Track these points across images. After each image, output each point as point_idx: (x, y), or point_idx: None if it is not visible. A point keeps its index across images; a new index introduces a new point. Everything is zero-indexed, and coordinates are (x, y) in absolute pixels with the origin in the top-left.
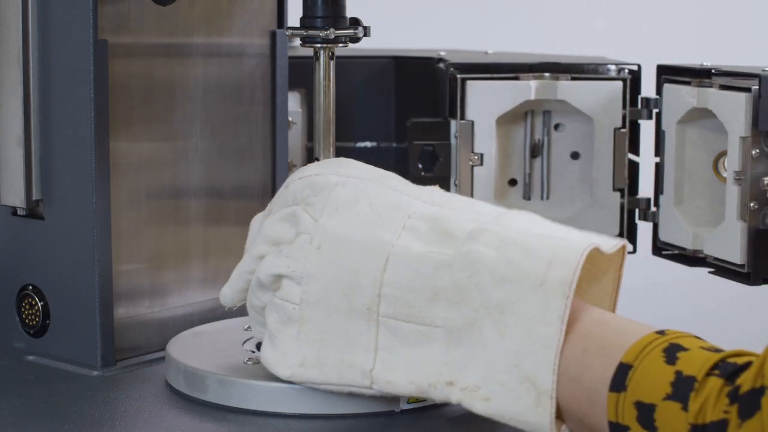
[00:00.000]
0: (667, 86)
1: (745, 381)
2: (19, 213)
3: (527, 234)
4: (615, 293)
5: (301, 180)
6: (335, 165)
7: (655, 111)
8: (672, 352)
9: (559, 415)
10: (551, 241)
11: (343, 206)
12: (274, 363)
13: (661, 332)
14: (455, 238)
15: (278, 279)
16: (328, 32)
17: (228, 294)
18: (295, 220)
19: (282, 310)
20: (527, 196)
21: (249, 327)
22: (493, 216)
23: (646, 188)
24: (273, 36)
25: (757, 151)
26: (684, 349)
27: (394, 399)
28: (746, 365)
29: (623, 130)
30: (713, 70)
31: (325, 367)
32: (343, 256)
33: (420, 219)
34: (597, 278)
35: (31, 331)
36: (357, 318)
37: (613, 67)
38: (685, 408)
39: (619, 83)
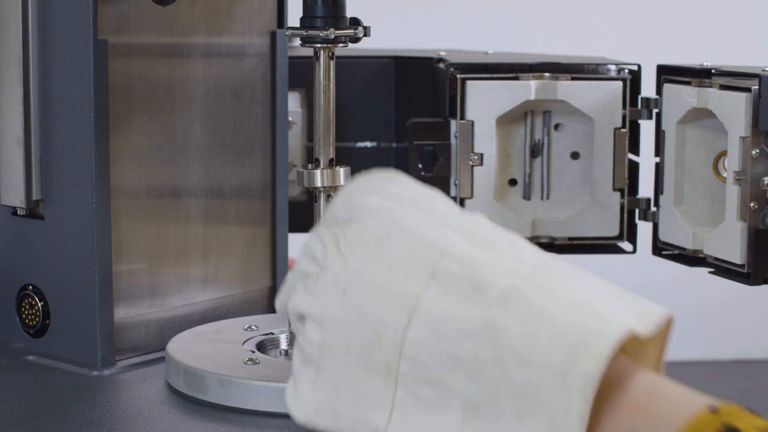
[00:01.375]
0: (667, 86)
1: None
2: (19, 213)
3: (561, 303)
4: (659, 362)
5: (343, 198)
6: (381, 181)
7: (655, 111)
8: None
9: None
10: (584, 319)
11: (374, 243)
12: (291, 404)
13: (714, 409)
14: (485, 297)
15: (303, 317)
16: (328, 32)
17: (280, 301)
18: (325, 249)
19: (304, 350)
20: (527, 196)
21: (249, 327)
22: (534, 266)
23: (646, 188)
24: (273, 36)
25: (757, 151)
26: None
27: None
28: None
29: (623, 130)
30: (713, 70)
31: (338, 418)
32: (368, 305)
33: (454, 261)
34: (640, 345)
35: (31, 331)
36: (375, 373)
37: (613, 67)
38: None
39: (619, 83)
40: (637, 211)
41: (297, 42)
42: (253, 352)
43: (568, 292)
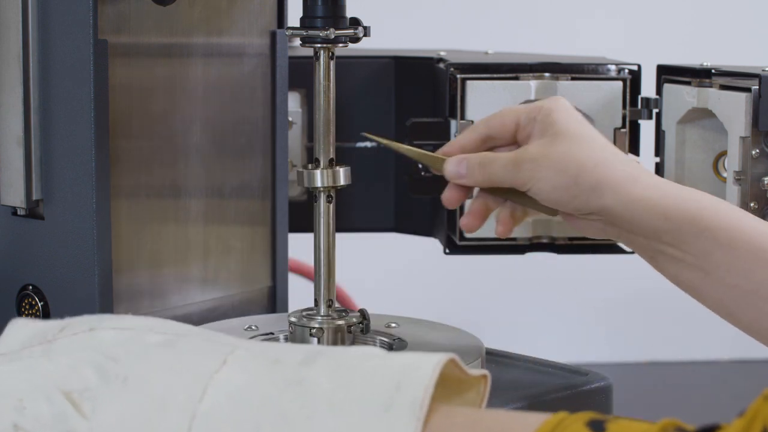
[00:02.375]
0: (667, 86)
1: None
2: (19, 213)
3: (370, 357)
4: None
5: (115, 331)
6: (153, 321)
7: (655, 111)
8: (598, 424)
9: None
10: (398, 361)
11: (158, 347)
12: None
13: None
14: (286, 365)
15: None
16: (328, 32)
17: None
18: (103, 369)
19: None
20: None
21: (249, 327)
22: (330, 349)
23: None
24: (273, 36)
25: (757, 151)
26: (611, 421)
27: None
28: (714, 426)
29: (623, 130)
30: (713, 70)
31: None
32: (153, 383)
33: (246, 352)
34: (458, 396)
35: None
36: None
37: (613, 67)
38: None
39: (619, 83)
40: None
41: (297, 42)
42: None
43: (373, 352)
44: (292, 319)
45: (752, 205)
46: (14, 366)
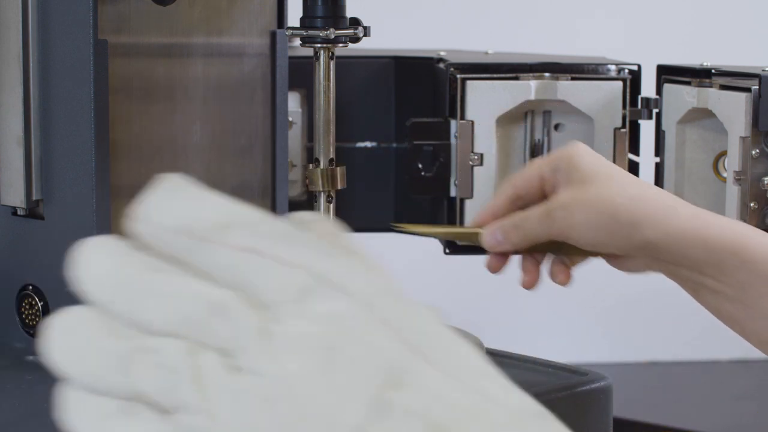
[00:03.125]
0: (667, 86)
1: None
2: (19, 213)
3: None
4: None
5: (299, 272)
6: (346, 264)
7: (655, 111)
8: None
9: None
10: None
11: (310, 353)
12: None
13: None
14: None
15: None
16: (328, 32)
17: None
18: (248, 341)
19: None
20: None
21: None
22: (504, 405)
23: None
24: (273, 36)
25: (757, 151)
26: None
27: None
28: None
29: (623, 130)
30: (713, 70)
31: None
32: (295, 424)
33: (408, 393)
34: None
35: (31, 331)
36: None
37: (613, 67)
38: None
39: (619, 83)
40: None
41: (297, 42)
42: None
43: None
44: None
45: (752, 205)
46: (158, 278)
